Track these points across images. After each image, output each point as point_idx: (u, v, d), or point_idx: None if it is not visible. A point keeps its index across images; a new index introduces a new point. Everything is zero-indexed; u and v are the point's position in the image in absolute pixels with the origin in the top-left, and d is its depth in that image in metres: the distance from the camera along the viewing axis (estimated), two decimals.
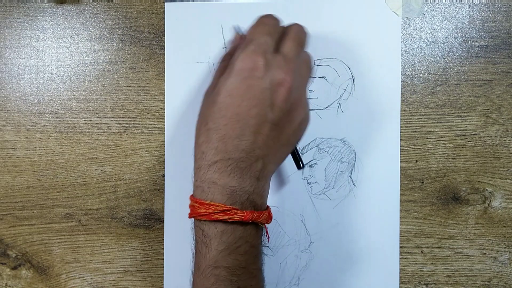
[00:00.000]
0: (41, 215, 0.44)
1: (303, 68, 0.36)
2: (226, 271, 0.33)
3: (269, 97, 0.33)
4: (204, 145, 0.34)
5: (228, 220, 0.33)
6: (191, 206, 0.35)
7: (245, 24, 0.44)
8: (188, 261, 0.44)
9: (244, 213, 0.33)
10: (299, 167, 0.42)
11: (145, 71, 0.44)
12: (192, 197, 0.35)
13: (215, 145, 0.33)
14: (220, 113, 0.33)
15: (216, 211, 0.33)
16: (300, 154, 0.42)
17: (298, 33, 0.37)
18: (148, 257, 0.45)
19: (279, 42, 0.36)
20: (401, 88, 0.44)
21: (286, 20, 0.44)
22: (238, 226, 0.33)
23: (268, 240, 0.42)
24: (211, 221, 0.33)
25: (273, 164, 0.36)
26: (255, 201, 0.34)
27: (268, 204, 0.37)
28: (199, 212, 0.33)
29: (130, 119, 0.44)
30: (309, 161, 0.44)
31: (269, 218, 0.36)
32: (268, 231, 0.37)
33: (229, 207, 0.32)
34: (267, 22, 0.36)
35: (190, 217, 0.35)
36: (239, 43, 0.38)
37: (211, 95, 0.35)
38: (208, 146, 0.33)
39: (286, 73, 0.33)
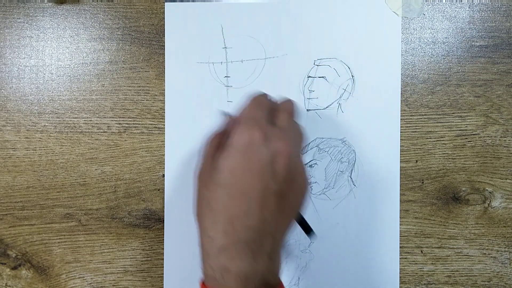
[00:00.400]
0: (41, 215, 0.44)
1: (297, 136, 0.37)
2: None
3: (270, 168, 0.32)
4: (211, 230, 0.32)
5: None
6: None
7: (245, 23, 0.44)
8: (188, 261, 0.44)
9: None
10: (308, 234, 0.40)
11: (145, 71, 0.44)
12: (204, 285, 0.34)
13: (223, 228, 0.32)
14: (224, 192, 0.32)
15: None
16: (307, 221, 0.40)
17: (288, 105, 0.37)
18: (148, 257, 0.45)
19: (272, 116, 0.36)
20: (401, 88, 0.44)
21: (286, 20, 0.44)
22: None
23: None
24: None
25: (281, 237, 0.35)
26: (269, 280, 0.33)
27: None
28: None
29: (130, 119, 0.44)
30: (309, 161, 0.44)
31: None
32: None
33: None
34: (258, 99, 0.36)
35: None
36: (227, 122, 0.39)
37: (209, 175, 0.34)
38: (215, 230, 0.32)
39: (283, 142, 0.33)
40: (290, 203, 0.34)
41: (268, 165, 0.32)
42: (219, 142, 0.36)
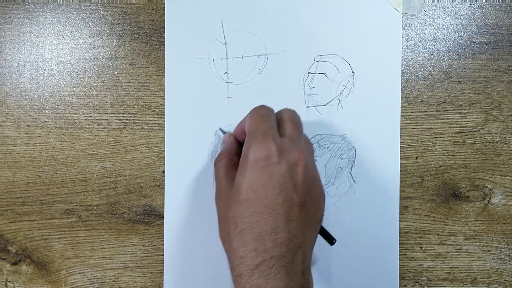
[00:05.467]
0: (41, 211, 0.44)
1: (307, 145, 0.36)
2: None
3: (290, 180, 0.32)
4: (241, 249, 0.32)
5: None
6: None
7: (245, 19, 0.44)
8: (187, 257, 0.44)
9: None
10: (331, 243, 0.40)
11: (145, 67, 0.44)
12: None
13: (253, 246, 0.32)
14: (249, 210, 0.32)
15: None
16: (327, 230, 0.40)
17: (292, 115, 0.37)
18: (148, 253, 0.45)
19: (279, 127, 0.36)
20: (401, 85, 0.44)
21: (286, 16, 0.44)
22: None
23: None
24: None
25: (310, 250, 0.35)
26: None
27: None
28: None
29: (130, 115, 0.44)
30: None
31: None
32: None
33: None
34: (261, 111, 0.36)
35: None
36: (230, 141, 0.39)
37: (230, 195, 0.34)
38: (246, 249, 0.32)
39: (299, 152, 0.33)
40: (313, 213, 0.34)
41: (287, 177, 0.32)
42: (229, 161, 0.36)
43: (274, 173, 0.32)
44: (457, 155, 0.44)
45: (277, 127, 0.35)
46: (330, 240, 0.39)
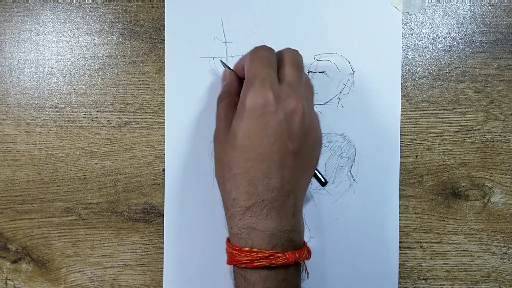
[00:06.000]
0: (41, 209, 0.44)
1: (307, 90, 0.36)
2: None
3: (286, 128, 0.33)
4: (234, 192, 0.33)
5: (272, 265, 0.32)
6: (229, 253, 0.34)
7: (245, 18, 0.44)
8: (187, 255, 0.44)
9: (286, 255, 0.32)
10: (323, 184, 0.41)
11: (145, 66, 0.44)
12: (230, 244, 0.34)
13: (245, 190, 0.33)
14: (243, 156, 0.33)
15: (258, 258, 0.32)
16: (320, 171, 0.41)
17: (294, 58, 0.36)
18: (148, 251, 0.45)
19: (279, 70, 0.35)
20: (401, 83, 0.44)
21: (286, 14, 0.44)
22: (281, 269, 0.33)
23: (308, 277, 0.41)
24: (253, 268, 0.33)
25: (302, 194, 0.35)
26: (294, 239, 0.34)
27: None
28: (239, 260, 0.33)
29: (130, 114, 0.44)
30: None
31: (309, 254, 0.35)
32: (307, 267, 0.37)
33: (271, 252, 0.32)
34: (262, 54, 0.35)
35: (229, 263, 0.35)
36: (231, 80, 0.39)
37: (225, 139, 0.34)
38: (238, 192, 0.33)
39: (296, 100, 0.33)
40: (308, 159, 0.35)
41: (283, 126, 0.33)
42: (230, 102, 0.36)
43: (270, 121, 0.32)
44: (457, 153, 0.44)
45: (277, 70, 0.35)
46: (323, 183, 0.40)
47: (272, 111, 0.32)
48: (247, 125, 0.33)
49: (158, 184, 0.44)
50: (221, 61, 0.43)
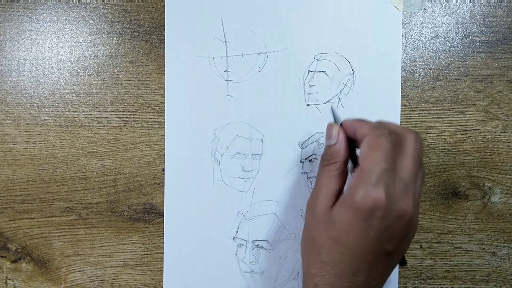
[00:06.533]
0: (41, 209, 0.44)
1: (421, 182, 0.33)
2: None
3: (389, 232, 0.31)
4: (317, 278, 0.33)
5: None
6: None
7: (245, 17, 0.43)
8: (187, 255, 0.44)
9: None
10: (402, 265, 0.38)
11: (145, 65, 0.44)
12: None
13: (330, 281, 0.32)
14: (337, 249, 0.32)
15: None
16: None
17: (416, 149, 0.32)
18: (148, 251, 0.45)
19: (397, 158, 0.32)
20: (401, 83, 0.44)
21: (287, 14, 0.44)
22: None
23: None
24: None
25: (383, 284, 0.34)
26: None
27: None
28: None
29: (130, 113, 0.44)
30: (309, 156, 0.44)
31: None
32: None
33: None
34: (383, 145, 0.32)
35: None
36: (339, 142, 0.35)
37: (322, 218, 0.33)
38: (322, 280, 0.32)
39: (408, 203, 0.31)
40: (400, 255, 0.33)
41: (387, 231, 0.31)
42: (335, 169, 0.34)
43: (375, 225, 0.31)
44: (457, 153, 0.44)
45: (395, 159, 0.32)
46: (402, 264, 0.37)
47: (380, 217, 0.30)
48: (350, 222, 0.31)
49: (158, 184, 0.44)
50: (331, 107, 0.39)
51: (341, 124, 0.36)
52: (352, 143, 0.35)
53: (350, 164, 0.36)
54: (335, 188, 0.34)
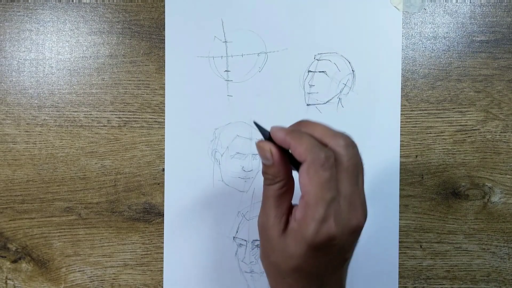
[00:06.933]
0: (41, 209, 0.44)
1: (362, 183, 0.32)
2: None
3: (345, 248, 0.31)
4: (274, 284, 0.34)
5: None
6: None
7: (245, 17, 0.43)
8: (187, 255, 0.44)
9: None
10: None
11: (145, 65, 0.44)
12: None
13: None
14: (298, 274, 0.32)
15: None
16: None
17: (350, 158, 0.31)
18: (148, 251, 0.45)
19: (337, 179, 0.30)
20: (401, 83, 0.44)
21: (287, 14, 0.44)
22: None
23: None
24: None
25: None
26: None
27: None
28: None
29: (130, 113, 0.44)
30: None
31: None
32: None
33: None
34: (323, 174, 0.29)
35: None
36: (276, 163, 0.32)
37: (278, 244, 0.32)
38: None
39: (357, 217, 0.31)
40: (349, 257, 0.34)
41: (344, 247, 0.31)
42: (280, 188, 0.32)
43: (333, 251, 0.31)
44: (457, 153, 0.44)
45: (336, 180, 0.30)
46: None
47: (335, 244, 0.30)
48: (306, 254, 0.31)
49: (158, 184, 0.44)
50: (254, 122, 0.33)
51: (270, 137, 0.32)
52: (287, 151, 0.32)
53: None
54: (285, 207, 0.33)
